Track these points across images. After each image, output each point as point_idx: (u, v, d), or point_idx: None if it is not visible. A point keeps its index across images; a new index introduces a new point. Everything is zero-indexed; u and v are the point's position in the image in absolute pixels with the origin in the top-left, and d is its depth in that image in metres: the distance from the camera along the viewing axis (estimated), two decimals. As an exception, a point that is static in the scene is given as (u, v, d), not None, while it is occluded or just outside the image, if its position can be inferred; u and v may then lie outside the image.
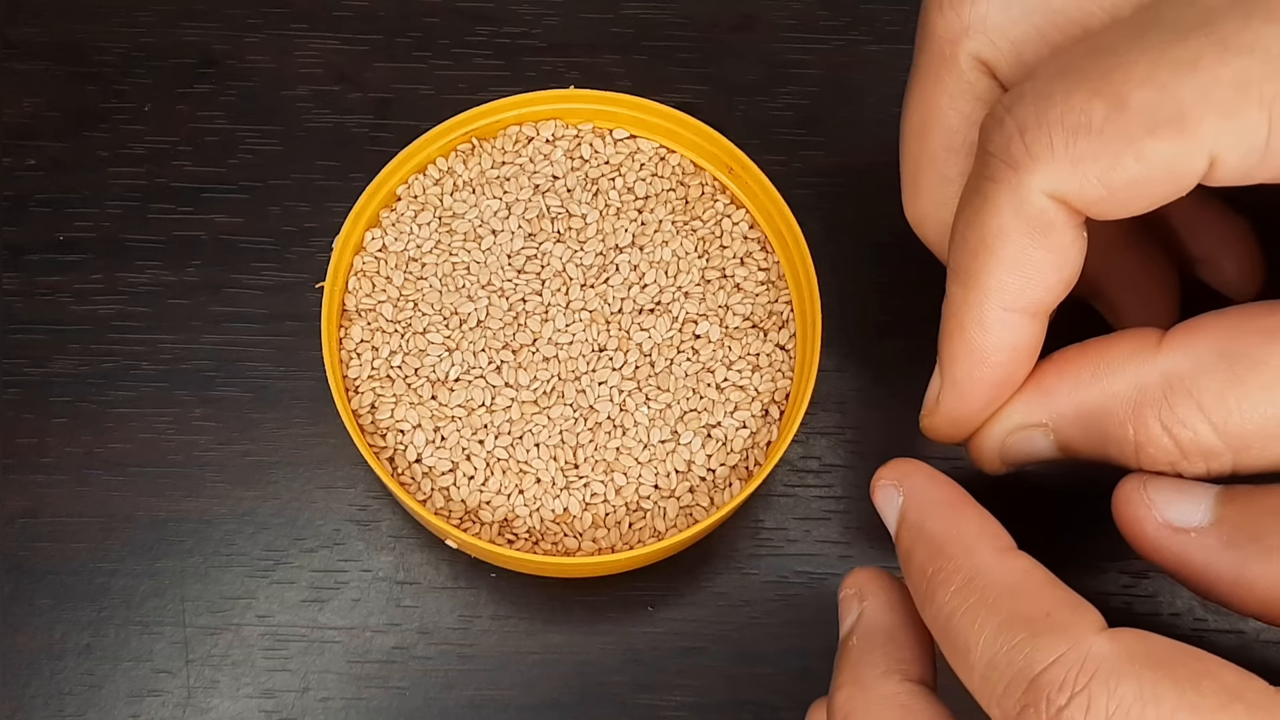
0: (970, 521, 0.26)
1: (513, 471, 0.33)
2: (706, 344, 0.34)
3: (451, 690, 0.34)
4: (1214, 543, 0.25)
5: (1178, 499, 0.26)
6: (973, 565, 0.25)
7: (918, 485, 0.27)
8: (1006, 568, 0.25)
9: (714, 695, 0.34)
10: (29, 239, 0.38)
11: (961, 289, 0.28)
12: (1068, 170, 0.25)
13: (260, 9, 0.40)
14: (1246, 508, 0.26)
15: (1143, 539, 0.26)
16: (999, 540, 0.26)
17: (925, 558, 0.26)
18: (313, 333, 0.35)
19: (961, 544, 0.26)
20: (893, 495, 0.28)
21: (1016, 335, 0.27)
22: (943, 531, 0.26)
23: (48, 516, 0.35)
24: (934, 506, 0.27)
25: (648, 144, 0.36)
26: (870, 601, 0.29)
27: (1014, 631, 0.23)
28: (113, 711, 0.33)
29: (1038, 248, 0.26)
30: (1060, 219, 0.26)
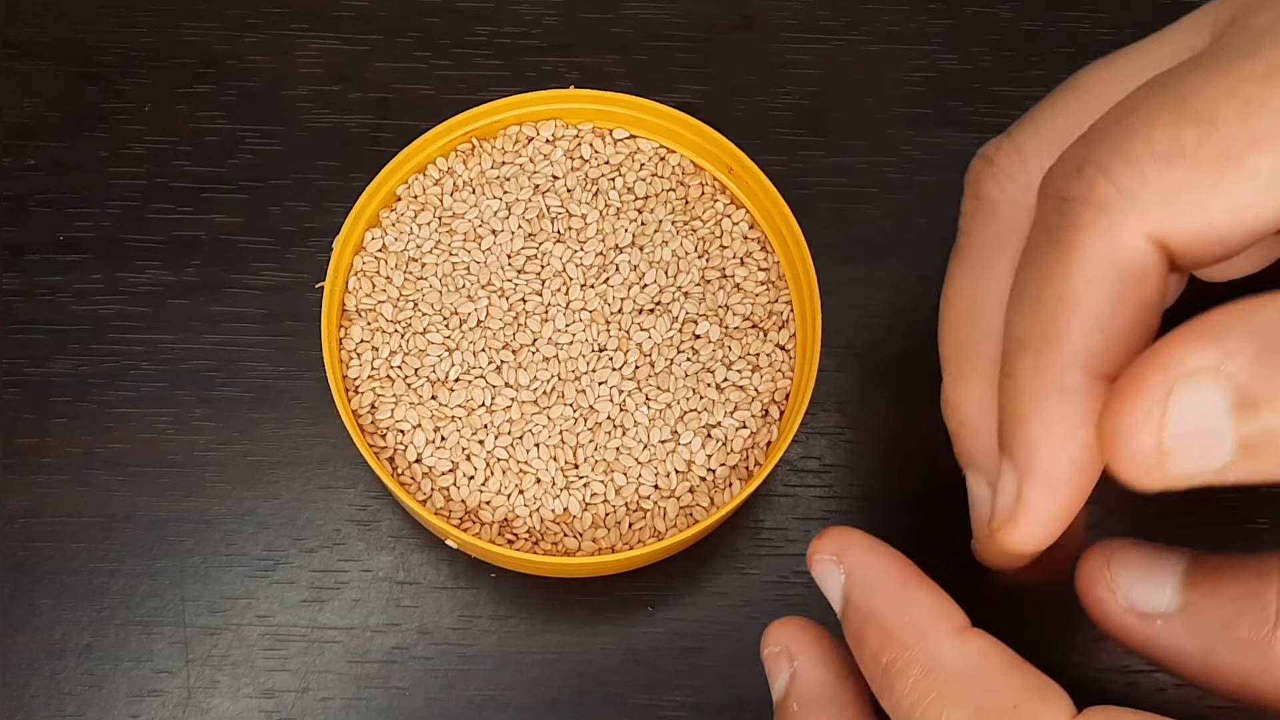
0: (921, 602, 0.24)
1: (513, 471, 0.33)
2: (706, 344, 0.34)
3: (451, 690, 0.34)
4: (1180, 631, 0.24)
5: (1142, 581, 0.25)
6: (928, 654, 0.24)
7: (859, 561, 0.25)
8: (965, 655, 0.23)
9: (714, 695, 0.34)
10: (29, 239, 0.38)
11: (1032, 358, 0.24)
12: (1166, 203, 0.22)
13: (260, 9, 0.40)
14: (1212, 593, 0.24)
15: (1107, 623, 0.25)
16: (954, 620, 0.24)
17: (878, 645, 0.24)
18: (313, 333, 0.35)
19: (915, 630, 0.24)
20: (833, 571, 0.26)
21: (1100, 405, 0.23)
22: (892, 616, 0.24)
23: (48, 516, 0.35)
24: (880, 585, 0.25)
25: (648, 144, 0.36)
26: (801, 660, 0.27)
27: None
28: (113, 711, 0.33)
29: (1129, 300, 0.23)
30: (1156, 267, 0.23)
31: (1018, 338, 0.24)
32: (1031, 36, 0.41)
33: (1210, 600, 0.24)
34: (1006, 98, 0.40)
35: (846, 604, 0.25)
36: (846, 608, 0.25)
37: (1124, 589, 0.25)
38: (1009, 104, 0.40)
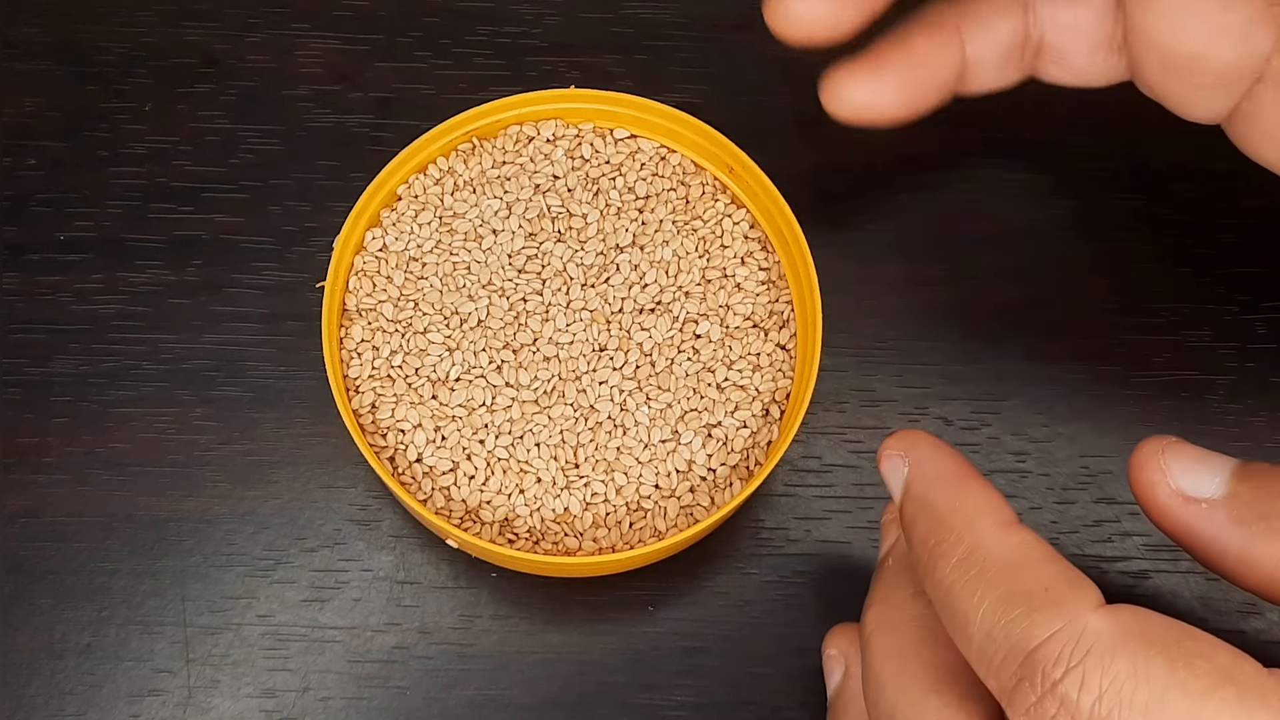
0: (973, 494, 0.26)
1: (513, 471, 0.33)
2: (707, 344, 0.34)
3: (452, 690, 0.34)
4: (1223, 517, 0.26)
5: (1194, 468, 0.26)
6: (974, 538, 0.25)
7: (923, 456, 0.27)
8: (1007, 542, 0.25)
9: (714, 695, 0.34)
10: (29, 239, 0.38)
11: None
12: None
13: (260, 9, 0.40)
14: (1260, 487, 0.26)
15: (1154, 504, 0.26)
16: (1001, 514, 0.25)
17: (927, 530, 0.26)
18: (313, 332, 0.35)
19: (963, 517, 0.25)
20: (898, 466, 0.27)
21: None
22: (945, 504, 0.26)
23: (48, 516, 0.35)
24: (938, 479, 0.26)
25: (648, 144, 0.36)
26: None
27: (1012, 605, 0.23)
28: (113, 711, 0.33)
29: None
30: None
31: None
32: (1031, 37, 0.41)
33: (1257, 492, 0.25)
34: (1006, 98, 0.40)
35: (906, 494, 0.27)
36: (905, 498, 0.27)
37: (1176, 473, 0.26)
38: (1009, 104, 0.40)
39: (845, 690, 0.31)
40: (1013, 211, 0.39)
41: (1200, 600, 0.35)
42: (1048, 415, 0.37)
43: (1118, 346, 0.37)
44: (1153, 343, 0.37)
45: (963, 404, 0.37)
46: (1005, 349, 0.37)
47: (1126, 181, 0.39)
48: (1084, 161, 0.39)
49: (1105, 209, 0.39)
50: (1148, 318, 0.37)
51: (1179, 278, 0.38)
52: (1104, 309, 0.38)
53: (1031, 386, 0.37)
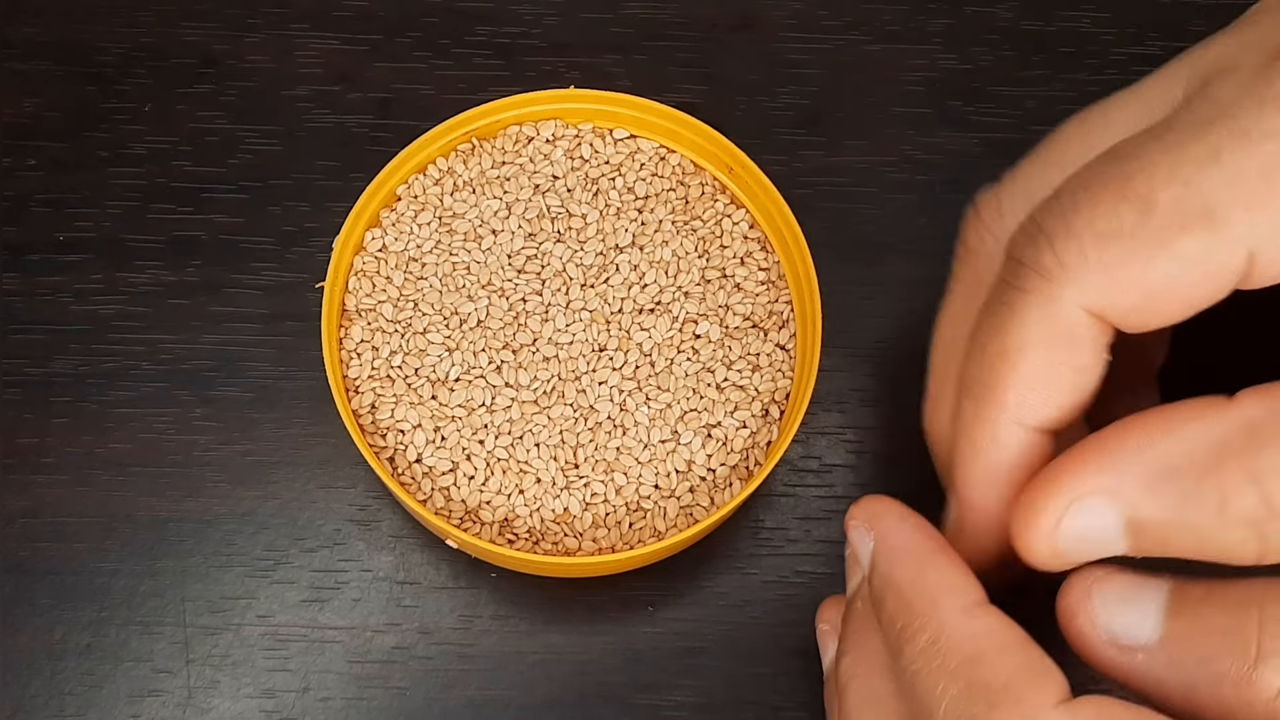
0: (938, 574, 0.25)
1: (513, 471, 0.33)
2: (707, 344, 0.34)
3: (452, 690, 0.34)
4: (1162, 664, 0.24)
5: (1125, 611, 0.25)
6: (938, 624, 0.25)
7: (888, 529, 0.27)
8: (970, 629, 0.24)
9: (714, 695, 0.34)
10: (29, 239, 0.38)
11: (974, 404, 0.26)
12: (1102, 279, 0.24)
13: (260, 9, 0.40)
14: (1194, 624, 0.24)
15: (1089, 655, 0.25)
16: (967, 595, 0.25)
17: (894, 609, 0.25)
18: (313, 333, 0.35)
19: (928, 599, 0.25)
20: (864, 537, 0.27)
21: (1033, 453, 0.26)
22: (910, 584, 0.25)
23: (48, 516, 0.35)
24: (903, 554, 0.26)
25: (648, 144, 0.36)
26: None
27: (972, 701, 0.23)
28: (113, 711, 0.33)
29: (1062, 364, 0.25)
30: (1090, 335, 0.25)
31: (966, 381, 0.26)
32: (1031, 36, 0.41)
33: (1192, 632, 0.24)
34: (1006, 98, 0.40)
35: (873, 568, 0.27)
36: (873, 573, 0.27)
37: (1105, 619, 0.25)
38: (1009, 104, 0.40)
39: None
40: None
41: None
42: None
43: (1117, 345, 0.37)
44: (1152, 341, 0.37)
45: (962, 404, 0.37)
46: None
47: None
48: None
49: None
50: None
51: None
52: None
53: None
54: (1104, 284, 0.24)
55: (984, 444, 0.26)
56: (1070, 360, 0.25)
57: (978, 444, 0.26)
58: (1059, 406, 0.25)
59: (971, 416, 0.26)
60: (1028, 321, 0.25)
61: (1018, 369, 0.25)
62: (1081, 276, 0.24)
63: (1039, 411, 0.25)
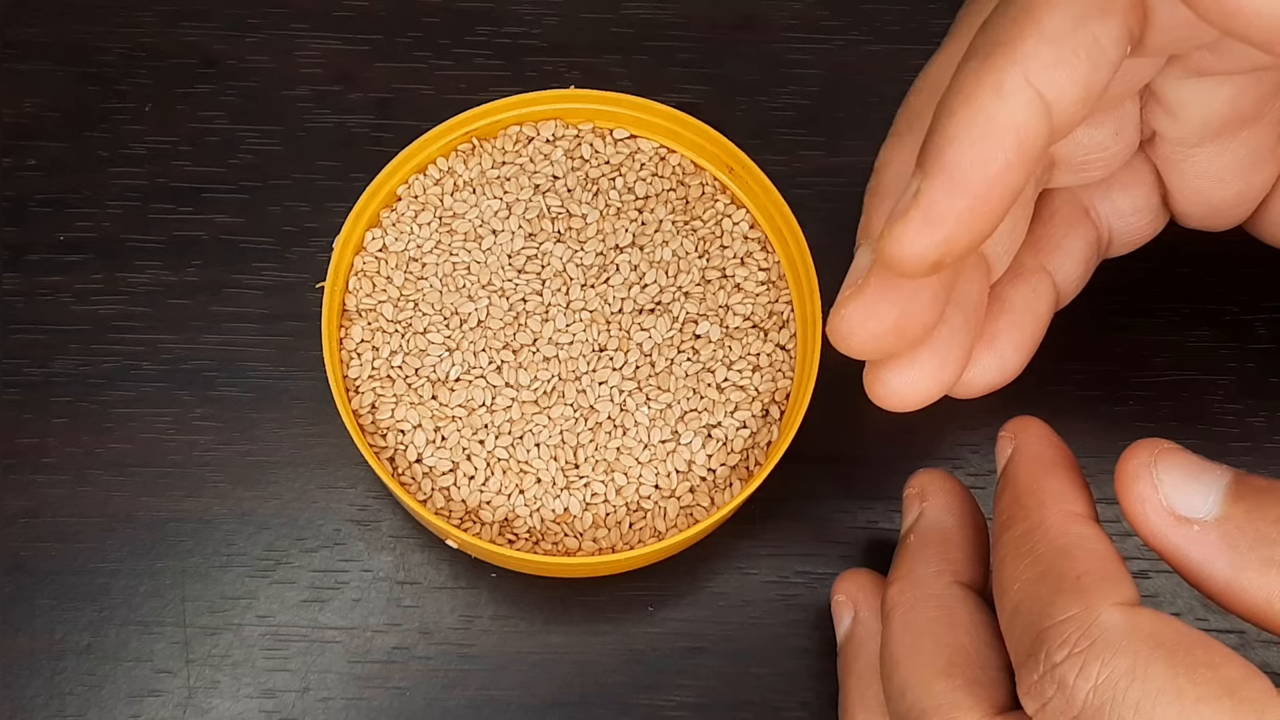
0: (1055, 481, 0.26)
1: (513, 471, 0.33)
2: (707, 344, 0.34)
3: (452, 690, 0.34)
4: (1215, 540, 0.25)
5: (1187, 484, 0.25)
6: (1037, 519, 0.25)
7: (1027, 440, 0.28)
8: (1066, 529, 0.25)
9: (714, 695, 0.34)
10: (29, 239, 0.38)
11: (981, 58, 0.23)
12: None
13: (260, 9, 0.40)
14: (1254, 510, 0.25)
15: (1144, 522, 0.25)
16: (1074, 505, 0.26)
17: (1006, 504, 0.26)
18: (313, 333, 0.35)
19: (1036, 498, 0.26)
20: (1005, 446, 0.28)
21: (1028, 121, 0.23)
22: (1027, 484, 0.26)
23: (48, 516, 0.35)
24: (1031, 461, 0.27)
25: (648, 144, 0.36)
26: (930, 502, 0.30)
27: (1045, 584, 0.24)
28: (113, 711, 0.33)
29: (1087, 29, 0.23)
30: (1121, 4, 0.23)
31: (972, 48, 0.23)
32: (1031, 36, 0.41)
33: (1251, 517, 0.24)
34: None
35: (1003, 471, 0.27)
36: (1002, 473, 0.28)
37: (1168, 489, 0.25)
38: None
39: (855, 636, 0.31)
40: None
41: (1200, 599, 0.35)
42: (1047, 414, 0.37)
43: (1117, 346, 0.37)
44: (1153, 343, 0.37)
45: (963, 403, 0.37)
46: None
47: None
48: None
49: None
50: (1147, 318, 0.37)
51: (1179, 278, 0.38)
52: (1103, 309, 0.38)
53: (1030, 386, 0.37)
54: None
55: (984, 94, 0.23)
56: (1097, 27, 0.23)
57: (974, 96, 0.23)
58: (1071, 75, 0.23)
59: (971, 73, 0.23)
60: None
61: (1040, 21, 0.23)
62: None
63: (1051, 71, 0.23)
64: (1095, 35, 0.23)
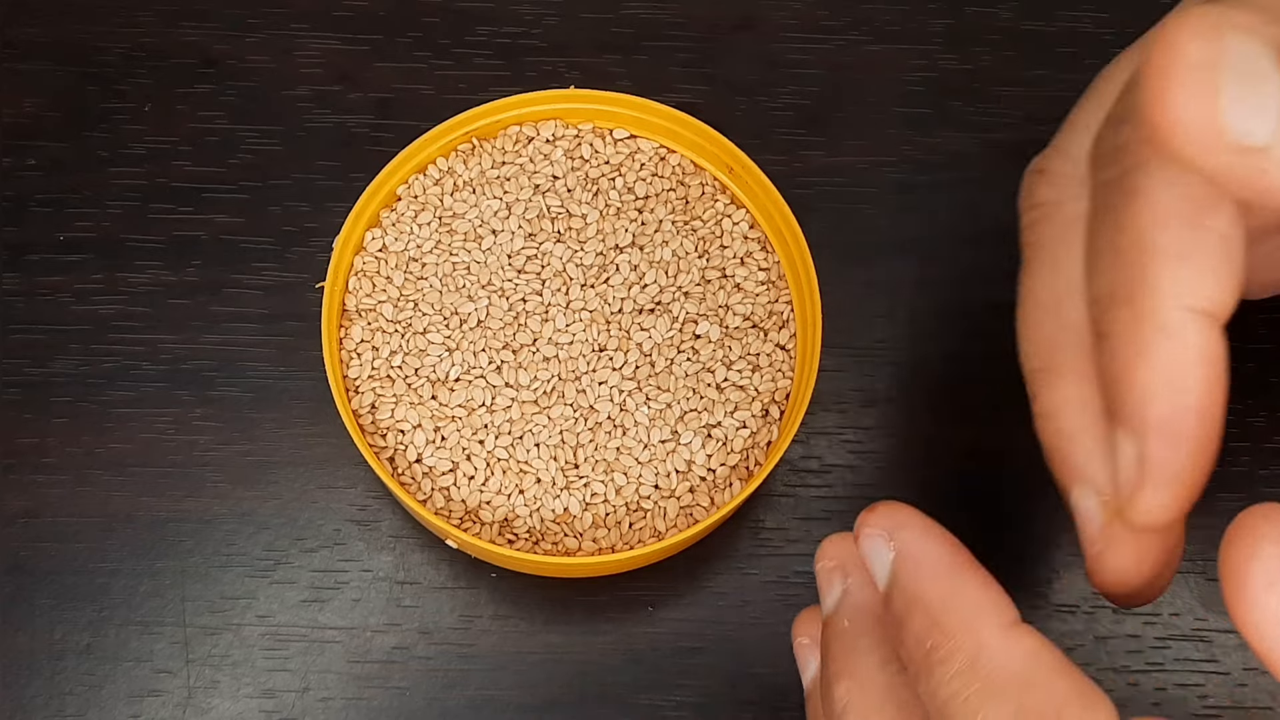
0: (972, 590, 0.23)
1: (513, 471, 0.33)
2: (706, 344, 0.34)
3: (452, 690, 0.34)
4: None
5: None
6: (975, 645, 0.22)
7: (911, 541, 0.24)
8: (1012, 651, 0.22)
9: (714, 695, 0.34)
10: (29, 239, 0.38)
11: (1128, 309, 0.23)
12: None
13: (260, 9, 0.40)
14: None
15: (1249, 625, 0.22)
16: (1003, 614, 0.23)
17: (922, 630, 0.23)
18: (313, 333, 0.35)
19: (962, 618, 0.23)
20: (881, 549, 0.25)
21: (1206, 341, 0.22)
22: (941, 601, 0.23)
23: (48, 516, 0.35)
24: (931, 569, 0.24)
25: (648, 144, 0.36)
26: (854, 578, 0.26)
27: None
28: (113, 711, 0.33)
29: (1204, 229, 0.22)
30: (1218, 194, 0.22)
31: (1105, 296, 0.23)
32: (1031, 36, 0.41)
33: None
34: (1006, 98, 0.40)
35: (894, 584, 0.24)
36: (893, 589, 0.24)
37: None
38: (1009, 104, 0.40)
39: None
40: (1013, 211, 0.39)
41: (1200, 600, 0.35)
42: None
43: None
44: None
45: (962, 403, 0.37)
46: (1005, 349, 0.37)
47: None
48: (1084, 161, 0.39)
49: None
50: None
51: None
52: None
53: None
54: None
55: (1157, 341, 0.22)
56: (1212, 223, 0.22)
57: (1149, 346, 0.22)
58: (1216, 279, 0.22)
59: (1129, 321, 0.22)
60: (1154, 191, 0.22)
61: (1160, 246, 0.22)
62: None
63: (1198, 287, 0.22)
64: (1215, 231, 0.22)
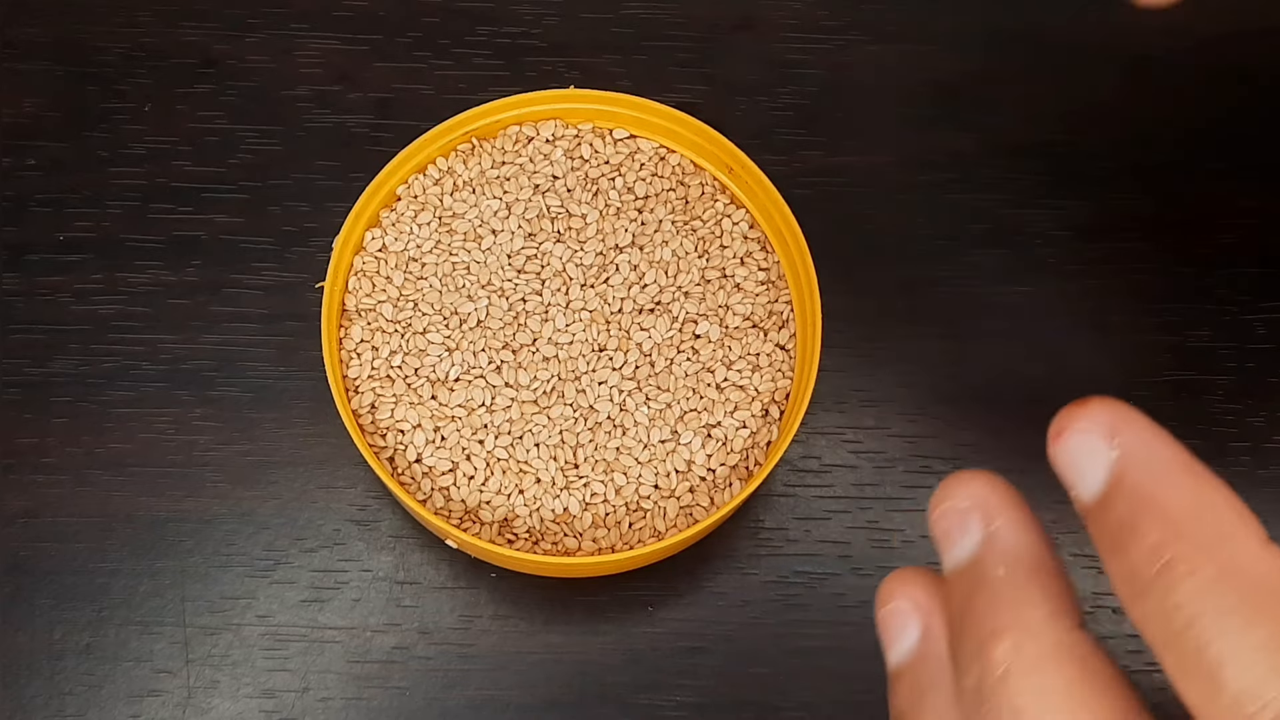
0: (1221, 500, 0.20)
1: (512, 471, 0.33)
2: (706, 344, 0.34)
3: (452, 690, 0.34)
4: None
5: None
6: (1229, 555, 0.19)
7: (1144, 440, 0.21)
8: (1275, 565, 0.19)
9: (714, 695, 0.34)
10: (29, 239, 0.37)
11: None
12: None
13: (260, 9, 0.40)
14: None
15: None
16: (1259, 530, 0.20)
17: (1160, 540, 0.20)
18: (313, 333, 0.35)
19: (1215, 527, 0.20)
20: (1099, 447, 0.21)
21: None
22: (1187, 506, 0.20)
23: (48, 516, 0.35)
24: (1171, 471, 0.20)
25: (647, 144, 0.36)
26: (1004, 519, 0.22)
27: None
28: (113, 711, 0.33)
29: None
30: None
31: None
32: (1032, 36, 0.41)
33: None
34: (1006, 98, 0.40)
35: (1117, 484, 0.21)
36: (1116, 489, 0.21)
37: None
38: (1009, 104, 0.40)
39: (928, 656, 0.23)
40: (1013, 211, 0.39)
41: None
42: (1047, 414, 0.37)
43: (1117, 346, 0.37)
44: (1153, 343, 0.37)
45: (962, 404, 0.37)
46: (1005, 349, 0.37)
47: (1127, 182, 0.39)
48: (1084, 162, 0.39)
49: (1105, 209, 0.39)
50: (1148, 317, 0.37)
51: (1179, 278, 0.38)
52: (1103, 308, 0.38)
53: (1030, 386, 0.37)
54: None
55: None
56: None
57: None
58: None
59: None
60: None
61: None
62: None
63: None
64: None
